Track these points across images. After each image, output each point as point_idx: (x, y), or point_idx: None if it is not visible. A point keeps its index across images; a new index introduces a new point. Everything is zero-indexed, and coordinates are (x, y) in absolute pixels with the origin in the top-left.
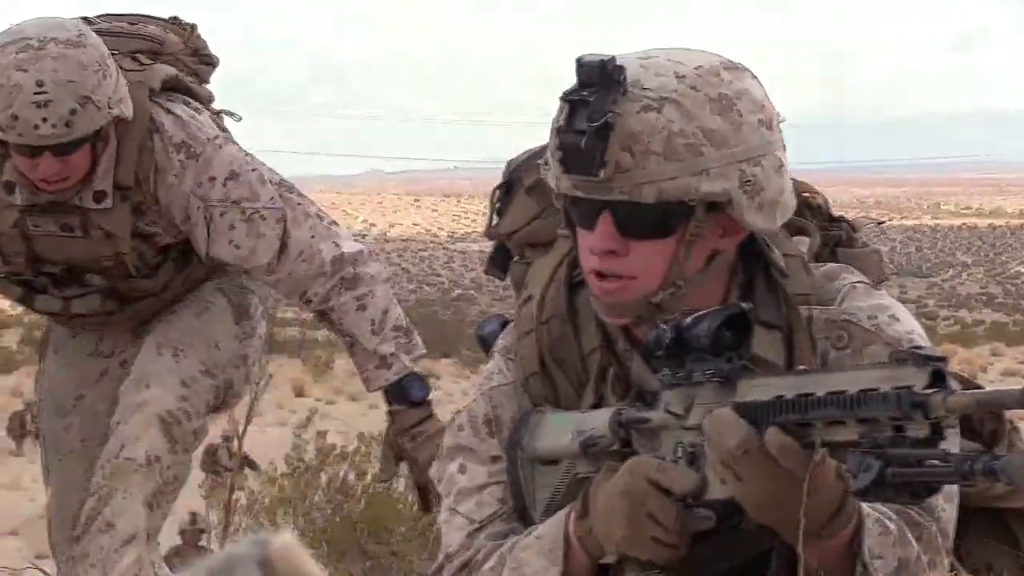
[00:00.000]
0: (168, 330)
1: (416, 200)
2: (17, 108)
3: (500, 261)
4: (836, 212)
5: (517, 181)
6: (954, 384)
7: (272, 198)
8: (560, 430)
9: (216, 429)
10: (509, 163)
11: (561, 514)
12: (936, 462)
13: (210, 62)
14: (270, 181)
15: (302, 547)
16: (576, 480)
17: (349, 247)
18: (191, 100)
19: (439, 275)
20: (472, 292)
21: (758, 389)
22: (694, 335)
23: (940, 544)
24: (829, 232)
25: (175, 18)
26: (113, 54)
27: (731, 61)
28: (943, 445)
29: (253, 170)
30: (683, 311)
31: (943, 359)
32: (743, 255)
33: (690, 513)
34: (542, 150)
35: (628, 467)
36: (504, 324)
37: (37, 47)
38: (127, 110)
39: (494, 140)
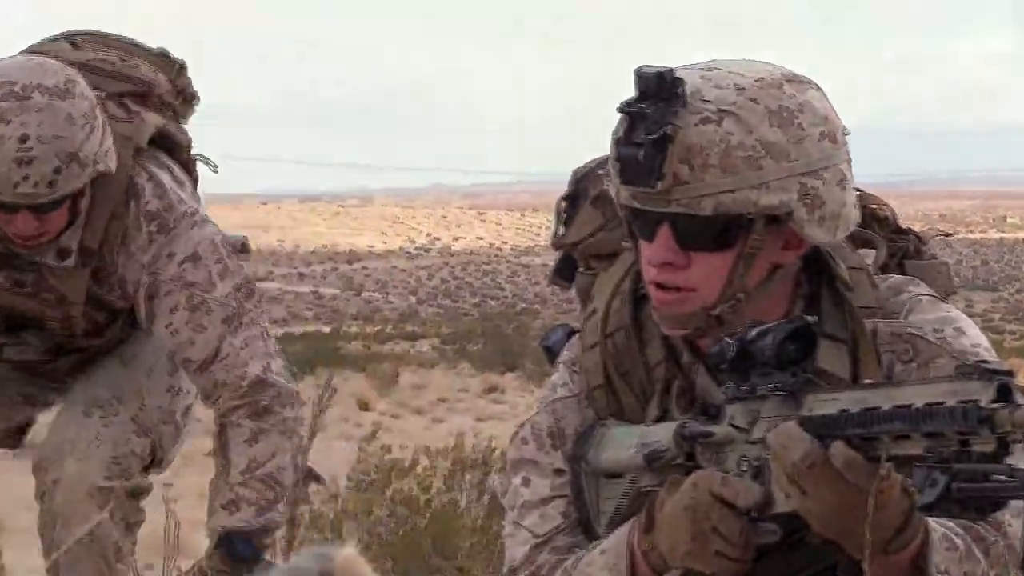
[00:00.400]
0: (96, 386)
1: (480, 213)
2: None
3: (565, 271)
4: (903, 224)
5: (583, 191)
6: (1020, 398)
7: (227, 295)
8: (624, 443)
9: None
10: (575, 173)
11: (625, 528)
12: (1002, 477)
13: (193, 100)
14: (234, 278)
15: (364, 561)
16: (640, 493)
17: (278, 380)
18: (175, 167)
19: (503, 289)
20: (536, 306)
21: (823, 403)
22: (759, 348)
23: (1007, 559)
24: (896, 244)
25: (164, 52)
26: (97, 92)
27: (795, 73)
28: (1009, 460)
29: (218, 260)
30: (748, 324)
31: (1010, 373)
32: (808, 267)
33: (754, 527)
34: (607, 160)
35: (692, 481)
36: (570, 334)
37: (21, 95)
38: (111, 164)
39: (558, 153)
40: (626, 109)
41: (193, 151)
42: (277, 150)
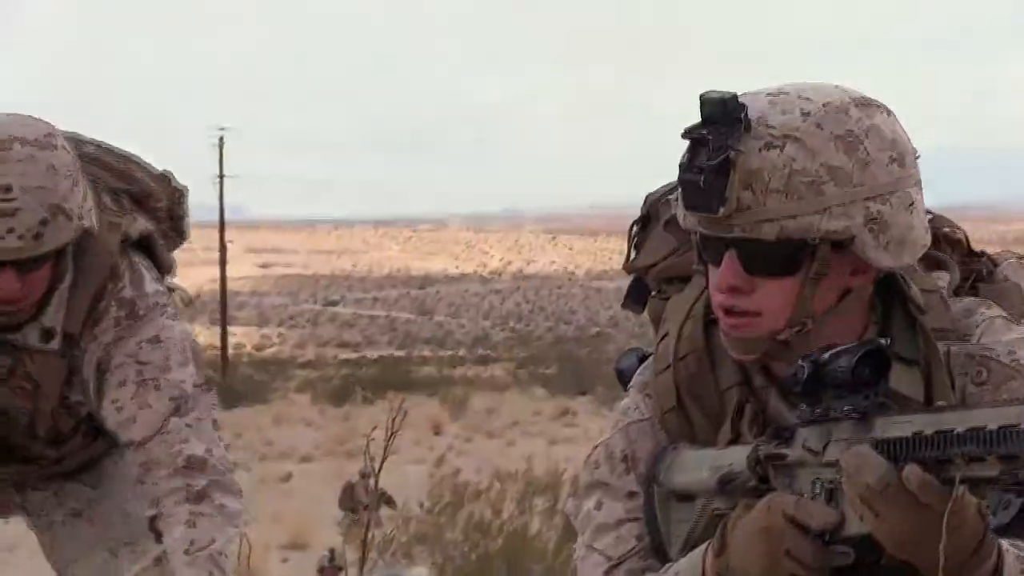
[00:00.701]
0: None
1: (553, 238)
2: None
3: (638, 295)
4: (976, 247)
5: (654, 215)
6: None
7: (182, 380)
8: (697, 466)
9: (354, 466)
10: (647, 197)
11: (698, 551)
12: None
13: (182, 234)
14: (192, 373)
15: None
16: (713, 516)
17: (218, 465)
18: (156, 270)
19: (575, 313)
20: (609, 330)
21: (896, 425)
22: (832, 371)
23: None
24: (969, 266)
25: (167, 175)
26: (93, 182)
27: (864, 97)
28: None
29: (181, 351)
30: (821, 347)
31: None
32: (880, 290)
33: (828, 550)
34: None
35: (766, 503)
36: (642, 358)
37: (1, 147)
38: (95, 222)
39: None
40: (689, 135)
41: (172, 279)
42: (352, 175)
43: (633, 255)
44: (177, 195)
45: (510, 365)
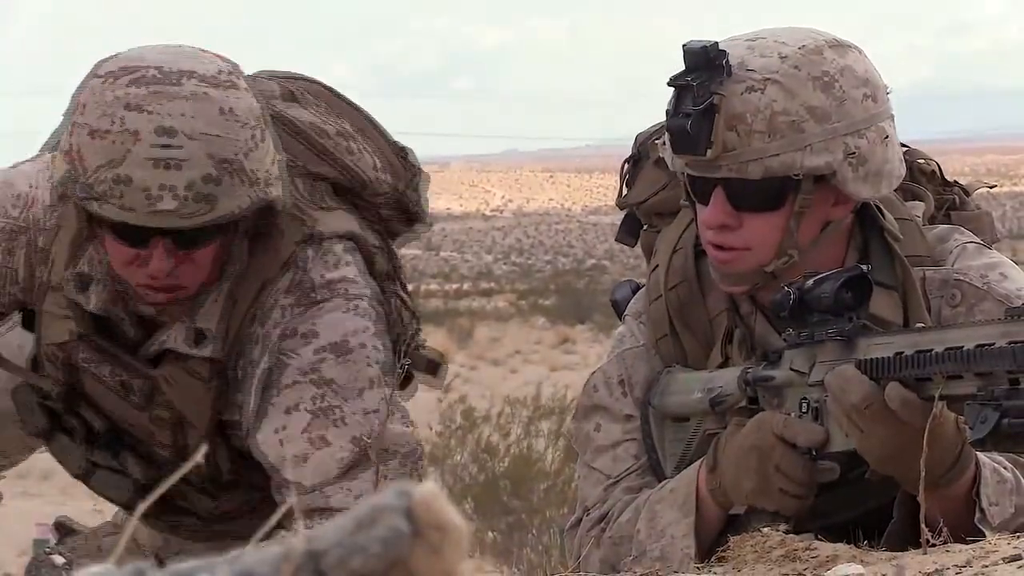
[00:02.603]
0: None
1: (551, 176)
2: (127, 167)
3: (630, 230)
4: (949, 178)
5: (645, 154)
6: None
7: (376, 411)
8: (690, 388)
9: None
10: (637, 137)
11: (692, 468)
12: None
13: (417, 219)
14: (385, 395)
15: (444, 496)
16: (706, 436)
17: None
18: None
19: (573, 247)
20: (604, 262)
21: (878, 347)
22: (816, 296)
23: None
24: (943, 196)
25: (405, 149)
26: (290, 167)
27: (837, 39)
28: None
29: (375, 363)
30: (805, 274)
31: None
32: (859, 220)
33: (815, 465)
34: None
35: (755, 422)
36: (635, 289)
37: (163, 80)
38: (281, 193)
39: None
40: (674, 82)
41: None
42: None
43: (625, 192)
44: (410, 175)
45: (512, 296)
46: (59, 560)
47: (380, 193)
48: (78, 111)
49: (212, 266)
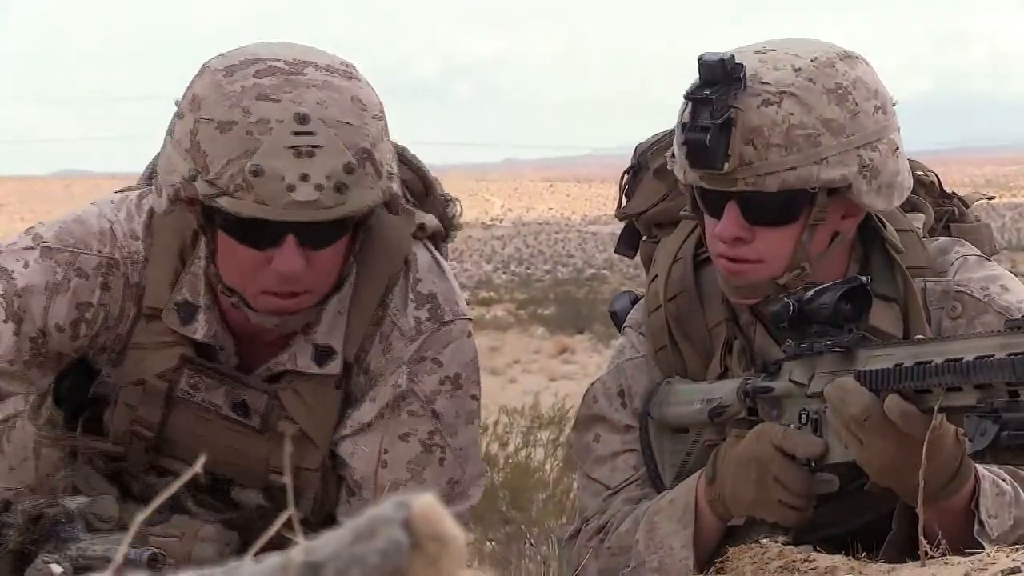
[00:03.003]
0: None
1: (550, 185)
2: (262, 156)
3: (630, 241)
4: (948, 190)
5: (644, 164)
6: None
7: (468, 449)
8: (689, 400)
9: None
10: (637, 147)
11: (691, 479)
12: None
13: (453, 229)
14: (476, 430)
15: (443, 507)
16: (705, 447)
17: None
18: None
19: (572, 256)
20: (604, 272)
21: (878, 358)
22: (815, 308)
23: None
24: (942, 208)
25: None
26: None
27: (845, 50)
28: None
29: (474, 397)
30: (804, 285)
31: None
32: (861, 231)
33: (814, 477)
34: (668, 134)
35: (755, 434)
36: (634, 300)
37: (289, 70)
38: (398, 189)
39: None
40: (691, 96)
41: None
42: None
43: (624, 202)
44: (444, 200)
45: (511, 306)
46: (57, 569)
47: (437, 194)
48: (195, 108)
49: (336, 271)
